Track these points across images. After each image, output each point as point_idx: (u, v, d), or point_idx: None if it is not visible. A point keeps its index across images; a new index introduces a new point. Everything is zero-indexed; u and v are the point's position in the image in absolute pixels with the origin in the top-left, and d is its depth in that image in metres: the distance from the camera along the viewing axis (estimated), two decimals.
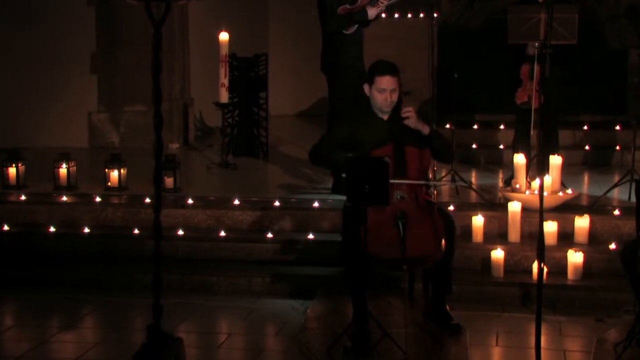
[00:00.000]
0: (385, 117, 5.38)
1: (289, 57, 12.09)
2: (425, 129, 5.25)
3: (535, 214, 5.65)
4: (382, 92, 5.30)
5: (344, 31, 7.05)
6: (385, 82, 5.29)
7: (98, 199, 7.13)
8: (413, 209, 5.07)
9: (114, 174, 7.44)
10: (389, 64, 5.37)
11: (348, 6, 7.01)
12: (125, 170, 7.49)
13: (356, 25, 7.07)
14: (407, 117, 5.21)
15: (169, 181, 7.33)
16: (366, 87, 5.39)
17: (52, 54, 9.76)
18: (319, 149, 5.49)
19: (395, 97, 5.31)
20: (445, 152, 5.45)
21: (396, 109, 5.30)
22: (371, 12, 7.04)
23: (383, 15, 7.28)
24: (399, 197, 5.10)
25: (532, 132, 7.04)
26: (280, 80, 11.44)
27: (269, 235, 6.60)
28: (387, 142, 5.21)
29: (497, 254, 6.08)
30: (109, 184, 7.45)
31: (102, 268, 6.50)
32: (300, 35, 11.76)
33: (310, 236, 6.53)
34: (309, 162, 5.61)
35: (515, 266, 6.20)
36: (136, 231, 6.72)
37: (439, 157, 5.51)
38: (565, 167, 6.89)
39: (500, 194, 7.00)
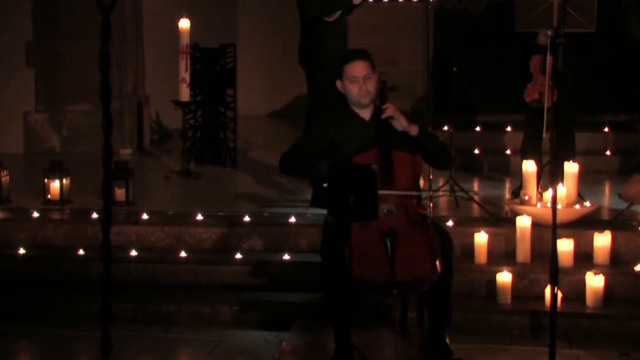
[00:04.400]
0: (367, 117, 5.40)
1: (260, 48, 12.10)
2: (414, 129, 5.26)
3: (547, 230, 5.67)
4: (354, 80, 5.33)
5: (326, 18, 7.06)
6: (355, 68, 5.32)
7: (36, 215, 7.11)
8: (403, 224, 5.08)
9: (55, 185, 7.41)
10: (356, 49, 5.49)
11: None
12: (68, 181, 7.46)
13: (339, 12, 7.09)
14: (390, 117, 5.21)
15: (120, 193, 7.31)
16: (339, 84, 5.43)
17: None
18: (290, 155, 5.50)
19: (370, 85, 5.33)
20: (441, 156, 5.44)
21: (380, 106, 5.31)
22: None
23: None
24: (385, 210, 5.11)
25: (544, 135, 7.08)
26: (250, 75, 11.46)
27: (238, 255, 6.60)
28: (371, 146, 5.23)
29: (504, 277, 6.10)
30: (49, 196, 7.42)
31: (40, 295, 6.47)
32: (274, 23, 11.79)
33: (286, 257, 6.53)
34: (279, 170, 5.61)
35: (525, 291, 6.22)
36: (81, 252, 6.70)
37: (434, 162, 5.51)
38: (582, 176, 6.93)
39: (506, 207, 7.03)
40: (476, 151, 9.11)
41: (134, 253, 6.67)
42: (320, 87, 7.10)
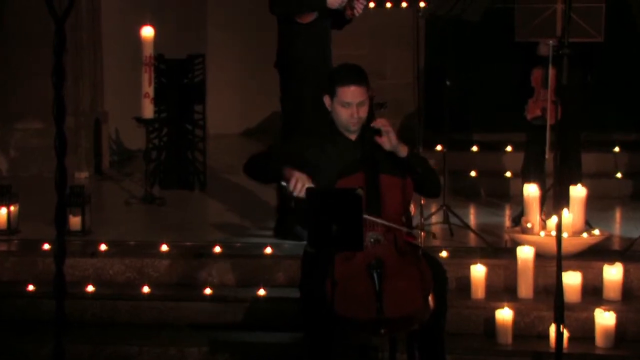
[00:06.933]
0: (353, 137, 5.41)
1: (232, 60, 12.11)
2: (403, 150, 5.27)
3: (552, 261, 5.69)
4: (347, 106, 5.32)
5: (298, 19, 7.01)
6: (350, 93, 5.31)
7: None
8: (391, 255, 5.08)
9: (1, 213, 7.39)
10: (353, 69, 5.40)
11: None
12: (17, 208, 7.45)
13: (315, 15, 7.03)
14: (381, 136, 5.22)
15: (75, 221, 7.30)
16: (327, 100, 5.42)
17: None
18: (259, 157, 5.51)
19: (363, 112, 5.33)
20: (430, 183, 5.45)
21: (367, 125, 5.32)
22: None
23: (357, 13, 7.15)
24: (372, 240, 5.11)
25: (547, 156, 7.10)
26: (221, 90, 11.46)
27: (207, 291, 6.58)
28: (356, 169, 5.23)
29: (504, 314, 6.11)
30: None
31: None
32: (247, 33, 11.80)
33: (261, 292, 6.52)
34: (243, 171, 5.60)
35: (527, 330, 6.24)
36: (31, 288, 6.67)
37: (422, 189, 5.51)
38: (590, 201, 6.94)
39: (506, 236, 7.04)
40: (472, 174, 9.13)
41: (90, 288, 6.64)
42: (291, 94, 7.04)
